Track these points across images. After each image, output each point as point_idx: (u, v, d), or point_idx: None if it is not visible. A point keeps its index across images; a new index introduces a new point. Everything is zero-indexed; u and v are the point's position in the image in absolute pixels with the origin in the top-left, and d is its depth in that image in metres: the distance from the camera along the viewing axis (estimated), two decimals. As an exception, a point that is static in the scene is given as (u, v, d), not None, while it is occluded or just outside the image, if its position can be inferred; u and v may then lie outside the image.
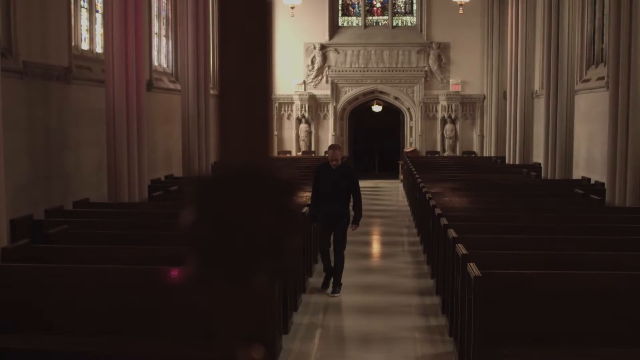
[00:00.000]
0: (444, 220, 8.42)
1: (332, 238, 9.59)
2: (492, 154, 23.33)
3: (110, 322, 6.22)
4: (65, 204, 10.39)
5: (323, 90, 24.90)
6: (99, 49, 13.21)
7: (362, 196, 9.76)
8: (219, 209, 0.53)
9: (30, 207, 9.69)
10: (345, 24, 25.43)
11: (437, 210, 9.36)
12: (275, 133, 24.78)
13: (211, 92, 17.28)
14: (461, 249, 6.61)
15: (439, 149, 24.85)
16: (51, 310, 6.24)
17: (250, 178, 0.53)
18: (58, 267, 6.49)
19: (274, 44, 0.75)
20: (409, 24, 25.31)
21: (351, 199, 9.58)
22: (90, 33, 13.08)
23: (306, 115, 24.56)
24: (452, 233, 7.48)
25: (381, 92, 25.21)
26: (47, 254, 7.14)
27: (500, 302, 5.86)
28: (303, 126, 24.64)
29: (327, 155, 9.89)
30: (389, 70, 24.84)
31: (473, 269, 5.85)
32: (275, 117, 24.75)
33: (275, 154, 24.37)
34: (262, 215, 0.53)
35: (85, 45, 12.88)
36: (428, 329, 7.91)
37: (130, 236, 8.00)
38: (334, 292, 9.30)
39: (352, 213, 9.61)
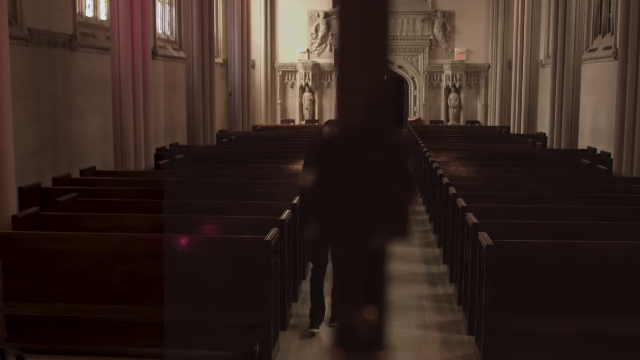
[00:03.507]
0: (452, 190, 8.41)
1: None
2: (496, 124, 23.26)
3: (121, 289, 6.25)
4: (71, 172, 10.39)
5: (327, 59, 24.73)
6: (103, 16, 13.11)
7: None
8: (338, 170, 0.53)
9: (37, 175, 9.69)
10: (349, -8, 25.15)
11: (445, 180, 9.35)
12: (279, 102, 24.67)
13: (216, 60, 17.19)
14: (471, 218, 6.62)
15: (442, 118, 24.77)
16: (62, 278, 6.26)
17: (369, 140, 0.52)
18: (69, 234, 6.50)
19: (390, 6, 0.72)
20: (414, -8, 25.07)
21: None
22: (94, 0, 12.96)
23: (310, 83, 24.44)
24: (461, 202, 7.48)
25: (385, 61, 25.03)
26: (57, 221, 7.16)
27: (510, 270, 5.89)
28: (307, 95, 24.53)
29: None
30: (393, 39, 24.33)
31: (484, 238, 5.86)
32: (279, 85, 24.62)
33: (279, 122, 24.32)
34: (380, 176, 0.53)
35: (89, 12, 12.78)
36: (436, 297, 7.95)
37: (139, 204, 8.02)
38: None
39: None
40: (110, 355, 6.09)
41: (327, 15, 24.53)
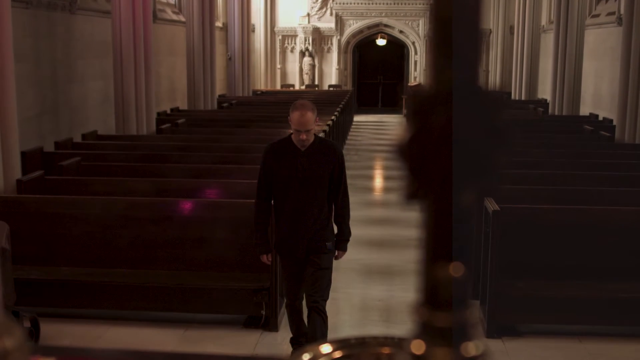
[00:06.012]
0: (455, 155, 8.40)
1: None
2: (497, 90, 23.15)
3: (126, 253, 6.27)
4: (73, 136, 10.36)
5: (327, 23, 24.55)
6: (102, -22, 12.95)
7: (366, 132, 9.20)
8: (431, 125, 0.52)
9: (38, 140, 9.67)
10: (350, -45, 24.91)
11: (448, 145, 9.32)
12: (279, 66, 24.53)
13: (216, 24, 17.05)
14: (477, 184, 6.61)
15: (443, 84, 24.66)
16: (68, 242, 6.28)
17: (464, 96, 0.51)
18: (74, 198, 6.50)
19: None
20: (415, -44, 24.80)
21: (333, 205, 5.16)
22: (93, -38, 12.80)
23: (310, 48, 24.29)
24: (465, 168, 7.47)
25: (386, 26, 24.87)
26: (61, 185, 7.16)
27: (516, 236, 5.91)
28: (307, 59, 24.38)
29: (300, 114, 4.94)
30: (394, 3, 24.45)
31: (490, 203, 5.87)
32: (279, 50, 24.47)
33: (279, 87, 24.22)
34: (473, 132, 0.52)
35: (89, -25, 12.63)
36: (439, 263, 7.98)
37: (142, 168, 8.01)
38: None
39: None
40: (116, 319, 6.13)
41: (327, -21, 24.28)
